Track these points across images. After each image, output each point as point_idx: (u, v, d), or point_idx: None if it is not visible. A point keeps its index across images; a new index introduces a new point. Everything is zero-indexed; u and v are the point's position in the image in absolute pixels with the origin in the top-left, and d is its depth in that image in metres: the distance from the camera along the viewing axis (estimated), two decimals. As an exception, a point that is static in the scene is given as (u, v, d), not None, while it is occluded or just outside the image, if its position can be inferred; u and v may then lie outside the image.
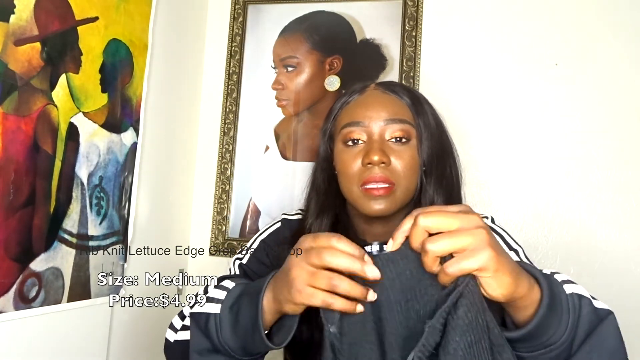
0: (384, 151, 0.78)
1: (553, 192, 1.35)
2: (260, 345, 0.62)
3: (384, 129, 0.80)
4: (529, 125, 1.38)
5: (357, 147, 0.81)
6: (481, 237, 0.51)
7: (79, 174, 1.02)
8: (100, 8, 1.07)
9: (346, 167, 0.81)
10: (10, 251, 0.85)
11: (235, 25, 1.60)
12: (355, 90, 0.87)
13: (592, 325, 0.58)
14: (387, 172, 0.78)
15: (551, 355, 0.56)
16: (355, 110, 0.83)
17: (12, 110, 0.85)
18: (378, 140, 0.79)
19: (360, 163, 0.79)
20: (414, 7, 1.48)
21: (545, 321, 0.55)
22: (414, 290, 0.56)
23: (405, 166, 0.79)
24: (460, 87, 1.43)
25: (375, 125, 0.80)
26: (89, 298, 1.07)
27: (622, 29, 1.36)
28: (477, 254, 0.51)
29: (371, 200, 0.78)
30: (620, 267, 1.29)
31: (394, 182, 0.78)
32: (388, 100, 0.82)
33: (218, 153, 1.57)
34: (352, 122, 0.81)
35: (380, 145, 0.79)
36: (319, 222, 0.86)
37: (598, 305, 0.60)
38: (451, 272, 0.51)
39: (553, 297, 0.56)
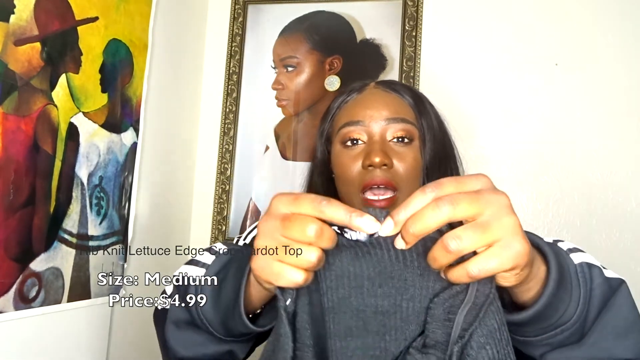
0: (386, 152, 0.72)
1: (553, 192, 1.35)
2: (240, 323, 0.53)
3: (385, 129, 0.74)
4: (529, 125, 1.38)
5: (356, 148, 0.75)
6: (512, 226, 0.41)
7: (79, 174, 1.02)
8: (100, 8, 1.07)
9: (345, 170, 0.75)
10: (10, 251, 0.85)
11: (235, 25, 1.60)
12: (354, 88, 0.81)
13: (605, 298, 0.52)
14: (389, 175, 0.72)
15: (562, 336, 0.50)
16: (354, 109, 0.77)
17: (12, 110, 0.85)
18: (379, 140, 0.74)
19: (360, 165, 0.73)
20: (414, 7, 1.48)
21: (554, 299, 0.48)
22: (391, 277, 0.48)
23: (408, 169, 0.73)
24: (460, 87, 1.43)
25: (376, 125, 0.74)
26: (89, 298, 1.07)
27: (622, 29, 1.36)
28: (509, 250, 0.40)
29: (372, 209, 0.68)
30: (620, 267, 1.29)
31: (396, 186, 0.72)
32: (389, 99, 0.77)
33: (218, 153, 1.57)
34: (351, 122, 0.75)
35: (381, 146, 0.73)
36: None
37: (609, 275, 0.55)
38: (476, 274, 0.41)
39: (561, 270, 0.49)
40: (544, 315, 0.49)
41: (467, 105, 1.42)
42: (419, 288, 0.48)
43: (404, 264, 0.48)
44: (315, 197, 0.44)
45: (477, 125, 1.41)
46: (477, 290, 0.44)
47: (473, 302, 0.44)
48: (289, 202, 0.45)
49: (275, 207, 0.45)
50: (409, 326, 0.49)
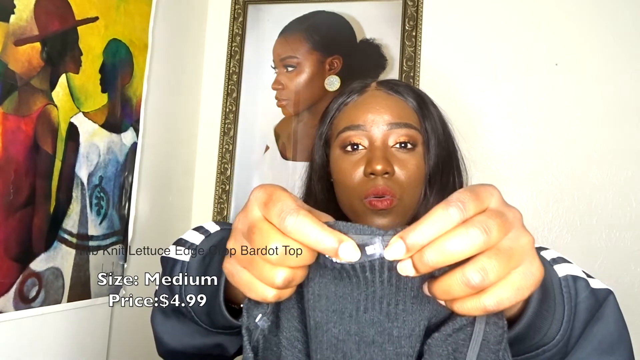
0: (388, 160, 0.68)
1: (553, 192, 1.35)
2: (220, 315, 0.49)
3: (387, 134, 0.70)
4: (529, 125, 1.38)
5: (357, 154, 0.71)
6: (530, 249, 0.36)
7: (79, 174, 1.02)
8: (100, 8, 1.07)
9: (345, 177, 0.71)
10: (10, 251, 0.85)
11: (235, 25, 1.60)
12: (355, 89, 0.77)
13: (591, 313, 0.49)
14: (391, 183, 0.68)
15: (544, 357, 0.47)
16: (354, 112, 0.73)
17: (12, 110, 0.85)
18: (381, 147, 0.70)
19: (361, 173, 0.69)
20: (414, 7, 1.48)
21: (536, 319, 0.43)
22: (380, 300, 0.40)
23: (410, 177, 0.70)
24: (460, 87, 1.43)
25: (378, 130, 0.70)
26: (89, 298, 1.07)
27: (622, 29, 1.36)
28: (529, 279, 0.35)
29: (375, 214, 0.68)
30: (620, 267, 1.29)
31: (397, 195, 0.68)
32: (392, 102, 0.73)
33: (218, 153, 1.57)
34: (352, 126, 0.71)
35: (383, 153, 0.69)
36: None
37: (595, 286, 0.51)
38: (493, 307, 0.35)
39: (545, 287, 0.44)
40: (524, 335, 0.44)
41: (467, 105, 1.41)
42: (412, 313, 0.40)
43: (396, 287, 0.39)
44: (285, 205, 0.36)
45: (476, 125, 1.41)
46: (486, 324, 0.38)
47: (484, 338, 0.38)
48: (260, 203, 0.37)
49: (251, 205, 0.38)
50: (401, 359, 0.41)
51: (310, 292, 0.41)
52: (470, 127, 1.40)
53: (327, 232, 0.35)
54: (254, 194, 0.38)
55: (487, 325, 0.38)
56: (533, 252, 0.36)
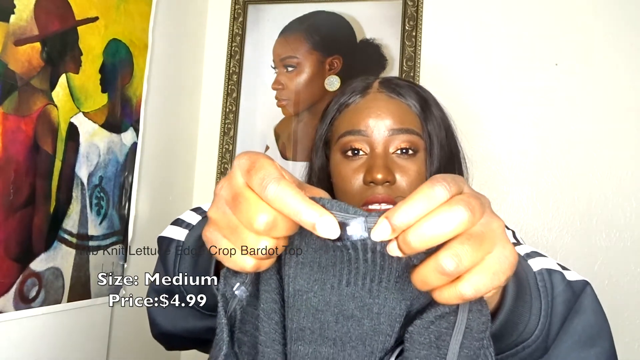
0: (389, 168, 0.67)
1: (553, 192, 1.35)
2: (209, 292, 0.49)
3: (388, 140, 0.69)
4: (529, 125, 1.38)
5: (357, 160, 0.70)
6: (501, 233, 0.35)
7: (79, 174, 1.02)
8: (100, 8, 1.07)
9: (345, 183, 0.70)
10: (10, 251, 0.85)
11: (235, 25, 1.60)
12: (356, 89, 0.75)
13: (568, 306, 0.48)
14: (391, 191, 0.67)
15: (524, 354, 0.46)
16: (355, 116, 0.71)
17: (12, 110, 0.85)
18: (382, 154, 0.69)
19: (361, 180, 0.68)
20: (414, 7, 1.48)
21: (512, 316, 0.43)
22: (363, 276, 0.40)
23: (411, 183, 0.68)
24: (460, 87, 1.43)
25: (379, 136, 0.69)
26: (89, 298, 1.07)
27: (622, 29, 1.36)
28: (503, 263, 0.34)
29: None
30: (620, 267, 1.29)
31: (397, 202, 0.63)
32: (393, 106, 0.71)
33: (218, 153, 1.57)
34: (353, 130, 0.70)
35: (384, 161, 0.68)
36: None
37: (572, 278, 0.51)
38: (470, 295, 0.33)
39: (519, 283, 0.44)
40: (502, 332, 0.43)
41: (466, 105, 1.41)
42: (394, 292, 0.39)
43: (380, 266, 0.39)
44: (268, 172, 0.34)
45: (476, 125, 1.41)
46: (469, 312, 0.37)
47: (468, 326, 0.37)
48: (244, 170, 0.35)
49: (234, 171, 0.36)
50: (379, 337, 0.40)
51: (294, 260, 0.40)
52: (470, 127, 1.40)
53: (307, 204, 0.33)
54: (237, 161, 0.36)
55: (470, 313, 0.37)
56: (505, 237, 0.35)
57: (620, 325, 1.28)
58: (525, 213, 1.36)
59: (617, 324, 1.29)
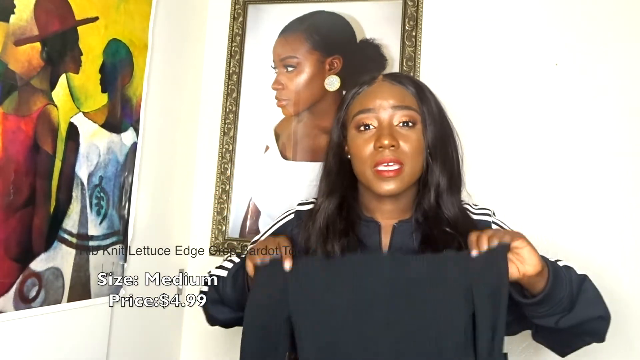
0: (393, 135, 0.87)
1: (553, 191, 1.35)
2: (244, 301, 0.87)
3: (392, 115, 0.89)
4: (529, 125, 1.38)
5: (368, 132, 0.90)
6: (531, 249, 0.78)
7: (79, 174, 1.02)
8: (100, 8, 1.07)
9: (359, 150, 0.90)
10: (10, 251, 0.85)
11: (235, 25, 1.60)
12: (365, 81, 0.95)
13: (579, 285, 0.83)
14: (396, 154, 0.87)
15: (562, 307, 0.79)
16: (365, 99, 0.92)
17: (12, 110, 0.85)
18: (387, 125, 0.89)
19: (372, 147, 0.88)
20: (414, 7, 1.48)
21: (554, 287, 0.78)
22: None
23: (412, 148, 0.88)
24: (460, 87, 1.42)
25: (385, 112, 0.89)
26: (89, 298, 1.07)
27: (622, 29, 1.36)
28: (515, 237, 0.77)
29: (383, 181, 0.88)
30: (621, 267, 1.29)
31: (402, 162, 0.87)
32: (395, 90, 0.91)
33: (218, 153, 1.57)
34: (364, 109, 0.90)
35: (389, 131, 0.88)
36: (327, 201, 0.95)
37: (579, 272, 0.86)
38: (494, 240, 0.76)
39: (555, 271, 0.80)
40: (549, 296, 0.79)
41: (466, 105, 1.41)
42: None
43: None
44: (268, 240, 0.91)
45: (476, 125, 1.40)
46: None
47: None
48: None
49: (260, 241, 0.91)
50: None
51: None
52: (470, 126, 1.40)
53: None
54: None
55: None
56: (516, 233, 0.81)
57: (621, 325, 1.27)
58: (524, 213, 1.36)
59: (618, 323, 1.29)
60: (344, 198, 0.95)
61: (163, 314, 1.38)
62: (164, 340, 1.45)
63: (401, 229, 0.93)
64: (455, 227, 0.90)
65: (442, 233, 0.89)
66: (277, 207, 1.51)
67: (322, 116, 1.51)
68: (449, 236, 0.88)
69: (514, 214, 1.36)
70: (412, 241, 0.91)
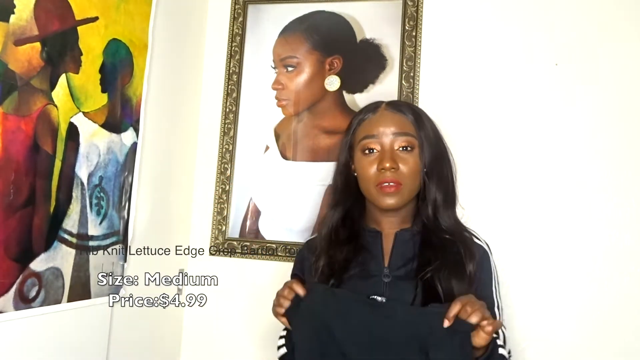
0: (394, 159, 1.02)
1: (553, 191, 1.35)
2: None
3: (393, 141, 1.03)
4: (529, 125, 1.38)
5: (372, 155, 1.04)
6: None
7: (79, 174, 1.02)
8: (100, 8, 1.07)
9: (365, 171, 1.04)
10: (10, 251, 0.85)
11: (235, 25, 1.60)
12: (369, 109, 1.09)
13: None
14: (396, 175, 1.01)
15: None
16: (370, 125, 1.06)
17: (12, 110, 0.85)
18: (389, 150, 1.03)
19: (375, 168, 1.02)
20: (414, 7, 1.48)
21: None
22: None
23: (410, 169, 1.02)
24: (460, 87, 1.43)
25: (386, 138, 1.03)
26: (89, 298, 1.07)
27: (622, 29, 1.36)
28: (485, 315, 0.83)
29: (385, 196, 1.02)
30: (620, 267, 1.29)
31: (401, 182, 1.01)
32: (396, 118, 1.05)
33: (218, 153, 1.57)
34: (369, 135, 1.05)
35: (390, 155, 1.02)
36: (332, 212, 1.12)
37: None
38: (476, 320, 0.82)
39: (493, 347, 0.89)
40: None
41: (466, 105, 1.41)
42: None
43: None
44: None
45: (476, 125, 1.40)
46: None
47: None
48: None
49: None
50: None
51: None
52: (470, 126, 1.40)
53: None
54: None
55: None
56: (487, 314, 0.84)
57: (621, 325, 1.28)
58: (525, 213, 1.36)
59: (618, 323, 1.29)
60: (348, 211, 1.10)
61: (163, 314, 1.38)
62: (164, 340, 1.45)
63: (402, 236, 1.05)
64: (452, 235, 1.03)
65: (441, 239, 1.02)
66: (277, 207, 1.51)
67: (322, 116, 1.51)
68: (449, 242, 1.02)
69: (513, 213, 1.37)
70: (412, 246, 1.04)
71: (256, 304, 1.47)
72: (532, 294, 1.32)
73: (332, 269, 1.03)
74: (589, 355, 1.28)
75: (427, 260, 0.99)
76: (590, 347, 1.29)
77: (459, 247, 1.01)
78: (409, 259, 1.02)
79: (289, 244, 1.48)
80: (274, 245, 1.49)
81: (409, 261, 1.02)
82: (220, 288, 1.42)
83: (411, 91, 1.44)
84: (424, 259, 1.00)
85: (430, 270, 0.97)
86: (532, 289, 1.33)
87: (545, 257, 1.33)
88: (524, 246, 1.34)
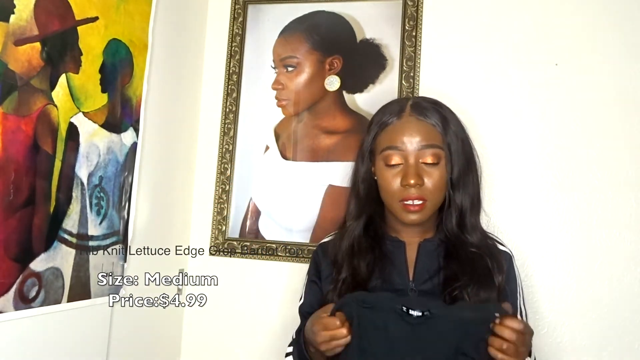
0: (419, 174, 0.96)
1: (553, 191, 1.35)
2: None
3: (418, 154, 0.97)
4: (529, 125, 1.38)
5: (396, 169, 0.97)
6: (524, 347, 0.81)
7: (79, 174, 1.02)
8: (100, 8, 1.07)
9: (388, 184, 0.98)
10: (10, 251, 0.85)
11: (235, 25, 1.60)
12: (393, 112, 1.01)
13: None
14: (421, 191, 0.96)
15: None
16: (394, 134, 0.99)
17: (12, 110, 0.85)
18: (414, 164, 0.96)
19: (399, 182, 0.96)
20: (414, 7, 1.48)
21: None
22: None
23: (435, 185, 0.97)
24: (460, 87, 1.43)
25: (412, 150, 0.97)
26: (89, 298, 1.07)
27: (623, 29, 1.36)
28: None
29: (408, 213, 0.97)
30: (620, 267, 1.29)
31: (426, 198, 0.96)
32: (422, 127, 0.98)
33: (218, 153, 1.57)
34: (392, 146, 0.98)
35: (415, 170, 0.96)
36: (356, 223, 1.05)
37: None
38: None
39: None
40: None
41: (466, 105, 1.41)
42: None
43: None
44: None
45: (476, 125, 1.40)
46: None
47: None
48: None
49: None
50: None
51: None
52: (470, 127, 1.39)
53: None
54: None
55: None
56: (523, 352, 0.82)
57: (621, 325, 1.28)
58: (525, 213, 1.36)
59: (618, 323, 1.29)
60: (371, 218, 1.05)
61: (163, 314, 1.38)
62: (164, 340, 1.45)
63: (426, 247, 1.01)
64: (479, 247, 0.99)
65: (468, 253, 0.98)
66: (277, 207, 1.51)
67: (322, 116, 1.51)
68: (476, 255, 0.97)
69: (513, 214, 1.37)
70: (437, 258, 1.00)
71: (256, 304, 1.47)
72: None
73: (356, 281, 0.98)
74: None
75: (453, 273, 0.96)
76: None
77: (486, 259, 0.97)
78: (434, 271, 0.98)
79: (289, 244, 1.48)
80: (274, 245, 1.49)
81: (435, 274, 0.98)
82: (220, 288, 1.42)
83: (411, 91, 1.44)
84: (450, 272, 0.96)
85: (458, 286, 0.93)
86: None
87: (546, 256, 1.33)
88: (524, 247, 1.34)
